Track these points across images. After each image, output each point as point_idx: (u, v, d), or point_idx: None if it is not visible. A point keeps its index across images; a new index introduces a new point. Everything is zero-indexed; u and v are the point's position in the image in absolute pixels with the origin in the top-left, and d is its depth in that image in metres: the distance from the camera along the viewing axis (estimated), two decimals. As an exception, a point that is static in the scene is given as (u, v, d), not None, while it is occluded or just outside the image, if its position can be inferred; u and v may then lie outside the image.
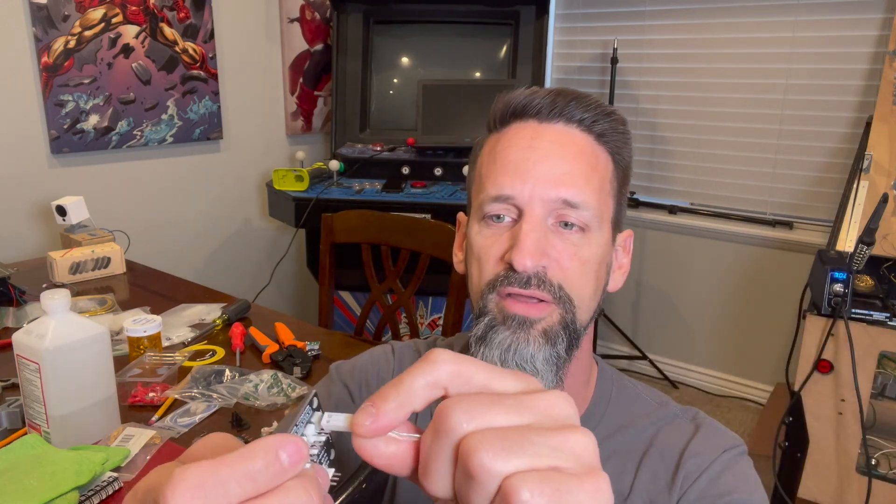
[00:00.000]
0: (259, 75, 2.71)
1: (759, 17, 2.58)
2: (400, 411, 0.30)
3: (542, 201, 0.59)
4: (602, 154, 0.63)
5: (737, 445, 0.66)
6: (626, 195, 0.67)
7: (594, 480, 0.28)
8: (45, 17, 2.04)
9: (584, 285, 0.61)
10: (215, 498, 0.26)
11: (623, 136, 0.64)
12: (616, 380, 0.73)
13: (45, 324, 0.92)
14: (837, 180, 2.51)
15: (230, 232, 2.74)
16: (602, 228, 0.62)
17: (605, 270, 0.64)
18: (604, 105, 0.64)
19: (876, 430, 1.69)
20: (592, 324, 0.67)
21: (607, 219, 0.63)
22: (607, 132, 0.63)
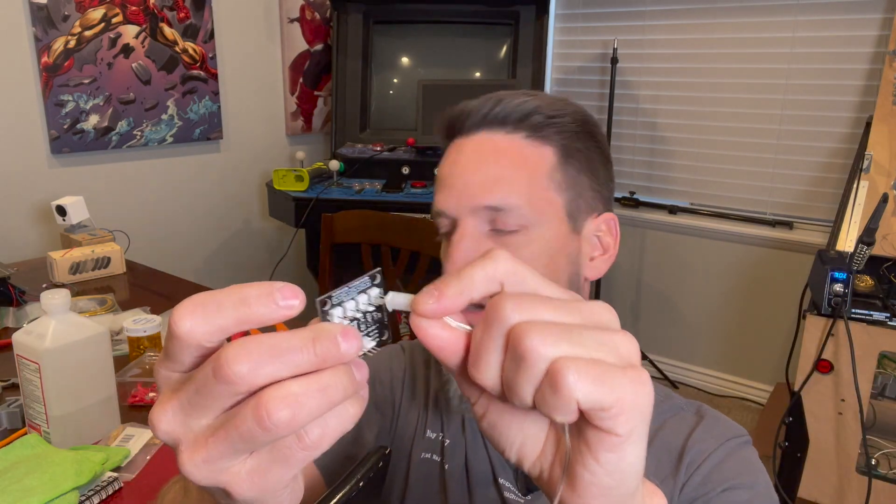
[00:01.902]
0: (259, 75, 2.71)
1: (759, 17, 2.58)
2: (459, 298, 0.31)
3: (470, 211, 0.61)
4: (536, 149, 0.62)
5: (741, 435, 0.66)
6: (600, 180, 0.66)
7: (637, 372, 0.29)
8: (45, 17, 2.04)
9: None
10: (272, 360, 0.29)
11: (570, 123, 0.64)
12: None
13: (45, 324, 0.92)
14: (837, 180, 2.50)
15: (230, 232, 2.74)
16: (546, 223, 0.61)
17: (563, 263, 0.63)
18: (536, 98, 0.64)
19: (876, 430, 1.69)
20: None
21: (554, 212, 0.62)
22: (542, 124, 0.62)
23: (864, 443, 1.67)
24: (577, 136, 0.64)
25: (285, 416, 0.28)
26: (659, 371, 3.00)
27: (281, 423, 0.28)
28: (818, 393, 1.72)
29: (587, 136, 0.65)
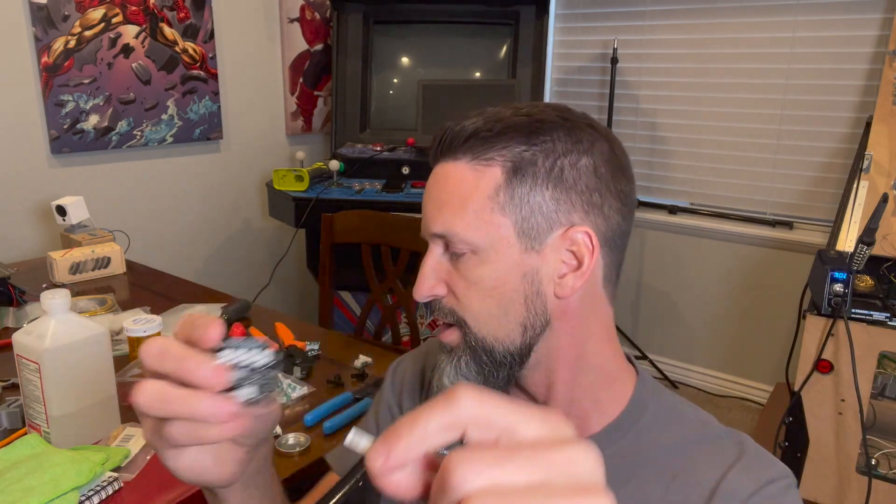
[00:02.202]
0: (259, 75, 2.71)
1: (759, 17, 2.58)
2: (410, 453, 0.30)
3: (430, 237, 0.65)
4: (482, 172, 0.61)
5: (785, 476, 0.61)
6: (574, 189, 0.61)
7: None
8: (45, 17, 2.05)
9: (477, 306, 0.63)
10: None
11: (519, 136, 0.61)
12: (656, 391, 0.69)
13: (45, 324, 0.92)
14: (837, 180, 2.51)
15: (230, 232, 2.74)
16: (494, 245, 0.61)
17: (516, 282, 0.62)
18: (484, 115, 0.63)
19: (876, 430, 1.69)
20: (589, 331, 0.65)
21: (501, 233, 0.61)
22: (483, 146, 0.62)
23: (864, 443, 1.67)
24: (530, 149, 0.61)
25: (142, 401, 0.42)
26: (659, 371, 3.00)
27: (139, 405, 0.42)
28: (818, 393, 1.72)
29: (548, 145, 0.61)
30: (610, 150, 0.63)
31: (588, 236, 0.61)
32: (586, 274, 0.62)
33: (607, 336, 0.67)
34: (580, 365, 0.65)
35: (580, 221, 0.61)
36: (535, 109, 0.64)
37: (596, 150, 0.62)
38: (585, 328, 0.65)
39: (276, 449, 0.98)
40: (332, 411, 1.09)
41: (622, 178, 0.63)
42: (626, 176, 0.64)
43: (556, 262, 0.62)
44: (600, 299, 0.65)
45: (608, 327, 0.67)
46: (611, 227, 0.63)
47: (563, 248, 0.62)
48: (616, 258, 0.65)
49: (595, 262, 0.62)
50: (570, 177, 0.61)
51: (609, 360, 0.67)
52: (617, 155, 0.64)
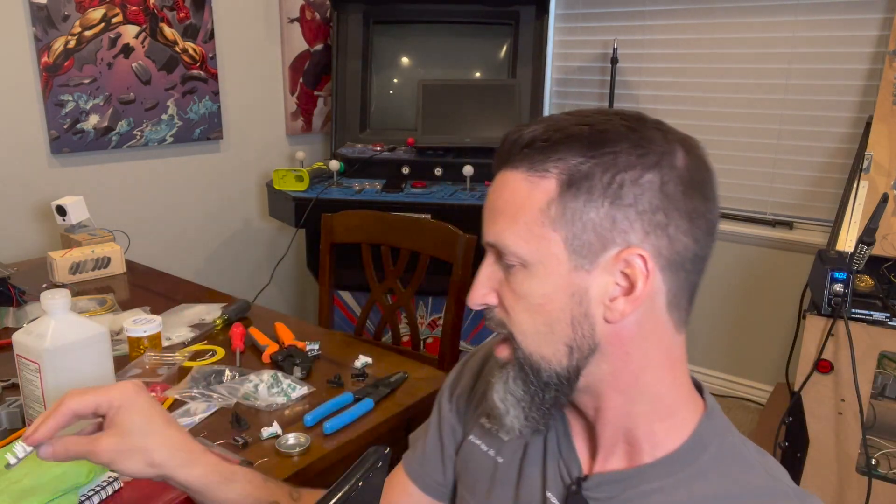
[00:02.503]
0: (259, 75, 2.71)
1: (759, 17, 2.58)
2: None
3: (486, 245, 0.64)
4: (536, 183, 0.59)
5: None
6: (634, 208, 0.57)
7: None
8: (45, 17, 2.05)
9: (523, 320, 0.62)
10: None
11: (577, 146, 0.58)
12: (723, 431, 0.64)
13: (45, 324, 0.92)
14: (837, 180, 2.51)
15: (230, 232, 2.74)
16: (543, 260, 0.59)
17: (563, 301, 0.59)
18: (546, 122, 0.60)
19: (876, 430, 1.69)
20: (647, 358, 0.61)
21: (550, 248, 0.58)
22: (539, 155, 0.59)
23: (864, 443, 1.67)
24: (587, 161, 0.57)
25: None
26: (659, 371, 3.00)
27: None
28: (818, 393, 1.72)
29: (608, 158, 0.57)
30: (685, 166, 0.58)
31: (643, 259, 0.57)
32: (639, 300, 0.58)
33: (669, 365, 0.63)
34: (634, 392, 0.62)
35: (638, 242, 0.57)
36: (600, 118, 0.60)
37: (665, 164, 0.58)
38: (642, 355, 0.61)
39: (276, 449, 0.99)
40: (332, 411, 1.09)
41: (696, 197, 0.58)
42: (703, 194, 0.59)
43: (608, 284, 0.59)
44: (662, 326, 0.61)
45: (671, 356, 0.63)
46: (676, 250, 0.58)
47: (616, 269, 0.58)
48: (684, 283, 0.61)
49: (650, 288, 0.58)
50: (629, 193, 0.57)
51: (669, 391, 0.63)
52: (693, 171, 0.59)
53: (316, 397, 1.14)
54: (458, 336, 1.72)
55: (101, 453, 0.70)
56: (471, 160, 2.35)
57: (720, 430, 0.64)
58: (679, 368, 0.64)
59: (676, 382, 0.63)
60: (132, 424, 0.71)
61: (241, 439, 1.00)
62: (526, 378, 0.63)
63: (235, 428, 1.04)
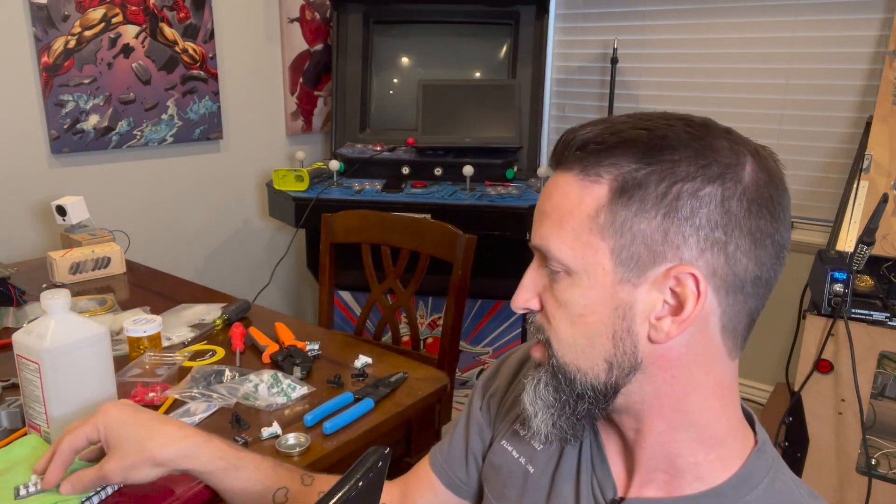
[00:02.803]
0: (259, 75, 2.71)
1: (759, 17, 2.58)
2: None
3: (534, 248, 0.61)
4: (587, 188, 0.56)
5: None
6: (689, 221, 0.53)
7: None
8: (45, 17, 2.05)
9: (562, 329, 0.59)
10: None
11: (631, 151, 0.55)
12: (774, 469, 0.60)
13: (45, 324, 0.92)
14: (837, 180, 2.50)
15: (230, 232, 2.74)
16: (588, 269, 0.56)
17: (606, 314, 0.56)
18: (602, 124, 0.57)
19: (876, 430, 1.69)
20: (696, 388, 0.58)
21: (597, 258, 0.56)
22: (592, 158, 0.56)
23: (864, 443, 1.67)
24: (642, 168, 0.54)
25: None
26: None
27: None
28: (818, 393, 1.72)
29: (665, 166, 0.53)
30: (754, 181, 0.55)
31: (694, 279, 0.53)
32: (687, 321, 0.54)
33: (719, 393, 0.59)
34: (678, 419, 0.59)
35: (692, 259, 0.53)
36: (661, 122, 0.56)
37: (730, 177, 0.54)
38: (689, 381, 0.57)
39: (276, 449, 0.99)
40: (332, 411, 1.08)
41: (762, 215, 0.54)
42: (770, 212, 0.55)
43: (655, 301, 0.55)
44: (714, 351, 0.57)
45: (722, 383, 0.59)
46: (735, 271, 0.54)
47: (665, 286, 0.54)
48: (743, 307, 0.56)
49: (702, 310, 0.54)
50: (686, 206, 0.53)
51: (717, 421, 0.59)
52: (763, 187, 0.55)
53: (316, 397, 1.14)
54: (458, 336, 1.72)
55: (111, 475, 0.77)
56: (471, 160, 2.35)
57: (771, 468, 0.60)
58: (729, 397, 0.60)
59: (726, 412, 0.60)
60: (124, 439, 0.77)
61: (241, 439, 1.00)
62: (558, 386, 0.60)
63: (235, 428, 1.04)
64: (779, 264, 0.57)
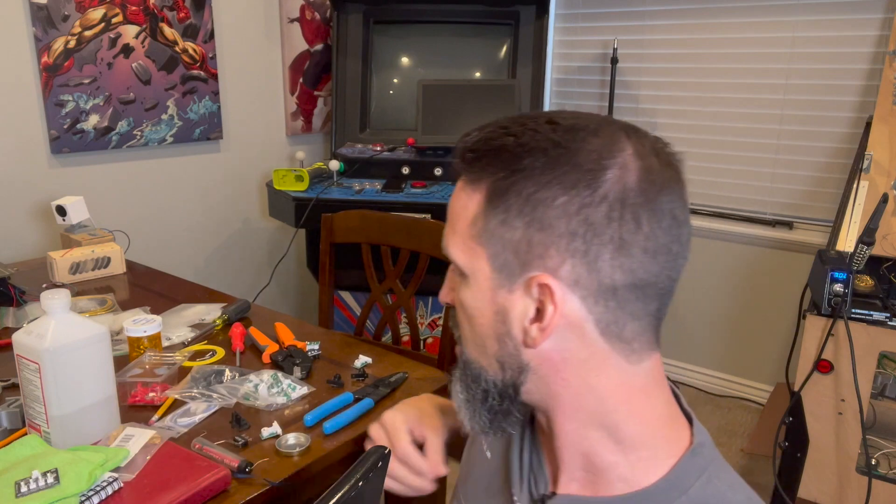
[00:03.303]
0: (259, 75, 2.71)
1: (759, 17, 2.58)
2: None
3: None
4: (471, 195, 0.57)
5: None
6: (554, 229, 0.53)
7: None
8: (45, 17, 2.05)
9: (464, 327, 0.61)
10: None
11: (503, 156, 0.55)
12: (710, 473, 0.58)
13: (45, 324, 0.92)
14: (837, 180, 2.51)
15: (230, 232, 2.74)
16: (475, 273, 0.57)
17: (490, 319, 0.58)
18: (486, 129, 0.58)
19: (876, 430, 1.69)
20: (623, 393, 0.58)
21: (479, 263, 0.57)
22: (473, 166, 0.57)
23: (864, 443, 1.67)
24: (509, 177, 0.54)
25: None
26: (659, 371, 3.00)
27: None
28: (818, 393, 1.72)
29: (525, 174, 0.53)
30: (620, 186, 0.52)
31: (549, 289, 0.53)
32: (548, 329, 0.54)
33: (625, 396, 0.58)
34: (584, 419, 0.59)
35: (554, 268, 0.53)
36: (527, 128, 0.55)
37: (588, 184, 0.52)
38: (583, 383, 0.57)
39: (276, 449, 0.99)
40: (332, 411, 1.09)
41: (626, 222, 0.52)
42: (638, 218, 0.53)
43: (528, 308, 0.55)
44: (602, 355, 0.56)
45: (628, 386, 0.58)
46: (600, 280, 0.53)
47: (531, 293, 0.55)
48: (622, 313, 0.55)
49: (567, 317, 0.54)
50: (545, 215, 0.53)
51: (629, 422, 0.58)
52: (631, 191, 0.52)
53: (316, 397, 1.14)
54: (458, 336, 1.72)
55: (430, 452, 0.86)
56: (471, 160, 2.35)
57: (706, 470, 0.58)
58: (642, 400, 0.59)
59: (639, 413, 0.58)
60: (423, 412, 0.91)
61: (241, 439, 1.00)
62: (467, 381, 0.63)
63: (235, 428, 1.04)
64: (661, 268, 0.54)
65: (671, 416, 0.60)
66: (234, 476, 0.91)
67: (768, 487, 2.25)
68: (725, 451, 2.49)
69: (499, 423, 0.62)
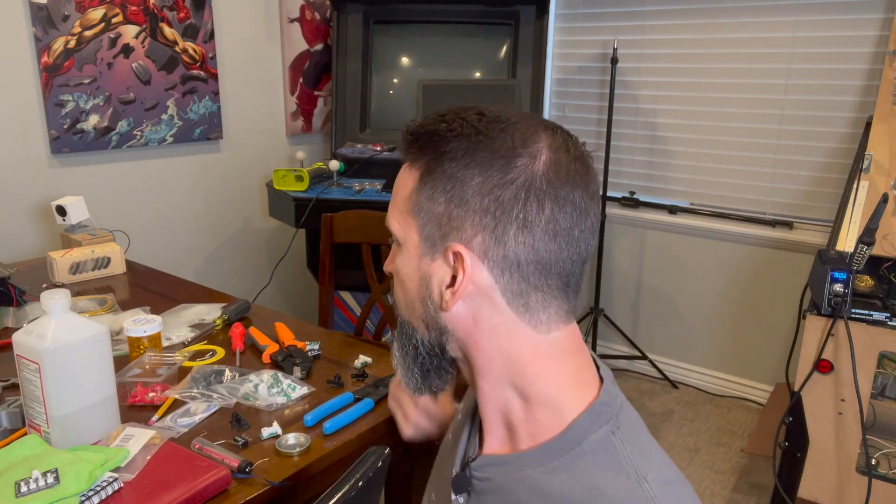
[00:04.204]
0: (259, 75, 2.71)
1: (759, 17, 2.58)
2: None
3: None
4: (410, 173, 0.65)
5: None
6: (466, 205, 0.60)
7: None
8: (45, 17, 2.05)
9: (398, 290, 0.69)
10: None
11: (433, 140, 0.63)
12: (610, 427, 0.62)
13: (45, 324, 0.92)
14: (837, 180, 2.51)
15: (230, 232, 2.74)
16: (408, 244, 0.65)
17: (417, 284, 0.65)
18: (423, 119, 0.66)
19: (876, 430, 1.69)
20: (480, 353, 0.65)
21: (411, 234, 0.65)
22: (412, 148, 0.65)
23: (864, 443, 1.67)
24: (438, 158, 0.62)
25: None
26: (659, 371, 3.00)
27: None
28: (818, 393, 1.72)
29: (448, 156, 0.61)
30: (530, 172, 0.59)
31: (462, 256, 0.61)
32: (458, 293, 0.62)
33: (532, 361, 0.63)
34: (496, 379, 0.65)
35: (467, 240, 0.61)
36: (458, 116, 0.64)
37: (502, 168, 0.59)
38: (494, 346, 0.63)
39: (276, 449, 0.99)
40: (332, 411, 1.09)
41: (531, 204, 0.59)
42: (542, 202, 0.59)
43: (445, 274, 0.63)
44: (510, 322, 0.62)
45: (536, 351, 0.63)
46: (506, 253, 0.60)
47: (448, 261, 0.62)
48: (527, 286, 0.61)
49: (476, 284, 0.61)
50: (461, 193, 0.61)
51: (536, 384, 0.63)
52: (540, 178, 0.59)
53: (316, 397, 1.14)
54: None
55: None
56: (471, 160, 2.35)
57: (605, 423, 0.62)
58: (548, 365, 0.64)
59: (548, 377, 0.64)
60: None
61: (242, 439, 1.00)
62: (402, 340, 0.70)
63: (235, 428, 1.04)
64: (561, 249, 0.61)
65: (580, 381, 0.65)
66: (234, 476, 0.91)
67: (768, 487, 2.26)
68: (725, 451, 2.49)
69: (430, 381, 0.70)
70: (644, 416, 2.71)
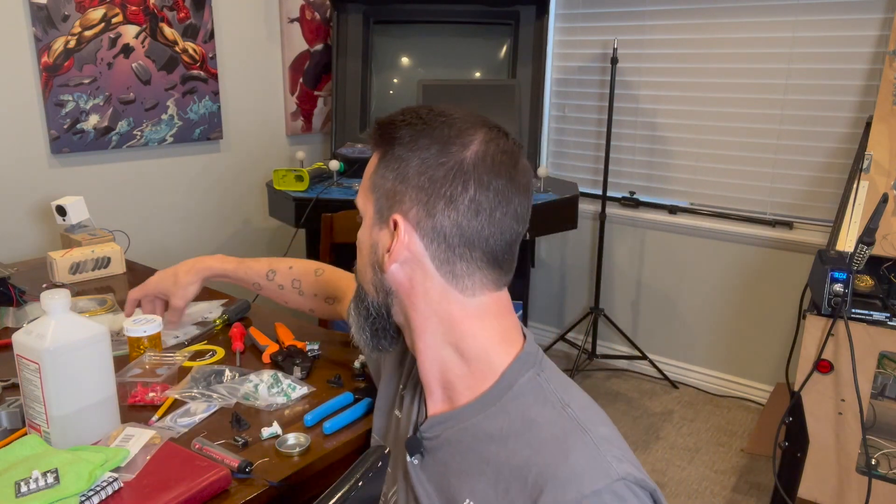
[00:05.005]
0: (259, 75, 2.71)
1: (759, 17, 2.58)
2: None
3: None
4: (372, 159, 0.77)
5: (597, 490, 0.61)
6: (408, 182, 0.72)
7: None
8: (45, 17, 2.05)
9: (358, 258, 0.80)
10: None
11: (391, 130, 0.74)
12: (535, 372, 0.73)
13: (45, 324, 0.92)
14: (837, 180, 2.51)
15: (230, 232, 2.74)
16: (366, 217, 0.77)
17: (368, 250, 0.77)
18: (390, 115, 0.77)
19: (876, 430, 1.69)
20: (416, 306, 0.75)
21: (369, 208, 0.76)
22: (376, 136, 0.77)
23: (864, 443, 1.67)
24: (391, 145, 0.74)
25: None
26: (659, 371, 3.00)
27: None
28: (818, 393, 1.72)
29: (396, 143, 0.73)
30: (460, 158, 0.70)
31: (395, 223, 0.72)
32: (393, 256, 0.72)
33: (461, 320, 0.73)
34: (434, 339, 0.74)
35: (406, 211, 0.72)
36: (412, 112, 0.76)
37: (437, 152, 0.71)
38: (426, 308, 0.74)
39: (276, 449, 0.99)
40: (332, 411, 1.08)
41: (457, 187, 0.70)
42: (467, 183, 0.70)
43: (386, 241, 0.74)
44: (440, 287, 0.73)
45: (466, 313, 0.73)
46: (434, 225, 0.71)
47: (389, 229, 0.73)
48: (453, 255, 0.71)
49: (409, 249, 0.72)
50: (404, 171, 0.72)
51: (467, 341, 0.73)
52: (470, 163, 0.70)
53: (316, 397, 1.14)
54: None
55: (175, 301, 1.29)
56: (471, 160, 2.35)
57: (530, 370, 0.73)
58: (476, 324, 0.73)
59: (478, 335, 0.73)
60: (169, 275, 1.31)
61: (241, 439, 1.00)
62: (356, 301, 0.81)
63: (235, 428, 1.04)
64: (482, 226, 0.71)
65: (507, 338, 0.75)
66: (234, 476, 0.91)
67: (768, 487, 2.26)
68: (725, 451, 2.49)
69: (378, 340, 0.81)
70: (644, 416, 2.71)
